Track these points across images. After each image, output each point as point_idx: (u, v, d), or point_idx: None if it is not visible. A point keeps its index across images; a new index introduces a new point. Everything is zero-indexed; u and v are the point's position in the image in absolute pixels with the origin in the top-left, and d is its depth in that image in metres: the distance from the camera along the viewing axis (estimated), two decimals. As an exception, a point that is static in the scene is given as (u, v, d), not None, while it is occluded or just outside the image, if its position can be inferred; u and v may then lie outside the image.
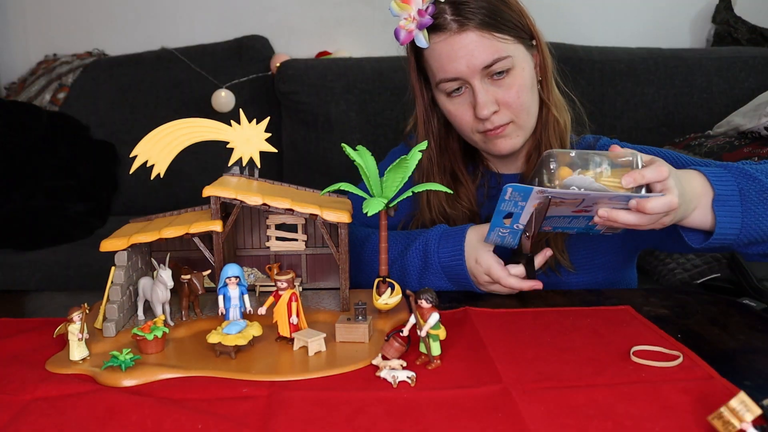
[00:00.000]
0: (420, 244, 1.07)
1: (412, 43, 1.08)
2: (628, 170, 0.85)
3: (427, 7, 1.03)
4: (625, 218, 0.85)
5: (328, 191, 0.92)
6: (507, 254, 1.02)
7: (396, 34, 1.07)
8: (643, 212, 0.84)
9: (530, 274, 1.00)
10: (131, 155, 0.87)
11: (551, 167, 0.86)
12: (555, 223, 0.92)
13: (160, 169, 0.88)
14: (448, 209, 1.17)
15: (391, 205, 0.85)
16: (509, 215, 0.92)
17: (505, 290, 1.01)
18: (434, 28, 1.05)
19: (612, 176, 0.85)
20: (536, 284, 1.00)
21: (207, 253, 0.92)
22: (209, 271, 0.90)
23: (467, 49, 1.04)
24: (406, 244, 1.10)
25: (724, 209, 0.90)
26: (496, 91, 1.07)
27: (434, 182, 1.01)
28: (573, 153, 0.86)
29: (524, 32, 1.09)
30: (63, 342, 0.82)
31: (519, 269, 1.00)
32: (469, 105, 1.09)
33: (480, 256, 1.01)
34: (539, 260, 1.03)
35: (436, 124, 1.18)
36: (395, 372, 0.71)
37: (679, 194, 0.85)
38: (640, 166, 0.85)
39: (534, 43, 1.11)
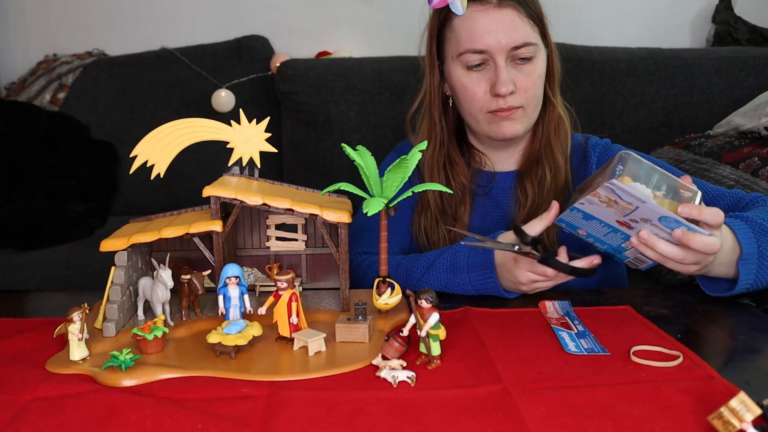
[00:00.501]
0: (447, 258, 1.04)
1: (439, 10, 1.09)
2: (683, 203, 0.83)
3: None
4: (663, 248, 0.84)
5: (328, 191, 0.92)
6: None
7: None
8: (685, 245, 0.82)
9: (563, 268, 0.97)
10: (131, 155, 0.87)
11: (618, 168, 0.84)
12: (591, 230, 0.90)
13: (160, 169, 0.88)
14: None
15: (391, 205, 0.85)
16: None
17: (550, 283, 0.98)
18: None
19: (668, 204, 0.83)
20: (595, 258, 0.94)
21: (207, 253, 0.92)
22: (209, 271, 0.90)
23: (504, 25, 1.06)
24: (431, 260, 1.06)
25: (745, 267, 0.90)
26: (516, 74, 1.09)
27: (433, 173, 1.02)
28: (645, 163, 0.84)
29: (543, 29, 1.12)
30: (63, 342, 0.82)
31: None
32: (486, 81, 1.10)
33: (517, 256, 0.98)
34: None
35: (439, 106, 1.19)
36: (395, 372, 0.71)
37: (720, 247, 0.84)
38: (698, 204, 0.84)
39: (546, 42, 1.15)
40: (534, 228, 0.95)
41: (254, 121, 0.89)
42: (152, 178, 0.88)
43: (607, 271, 1.18)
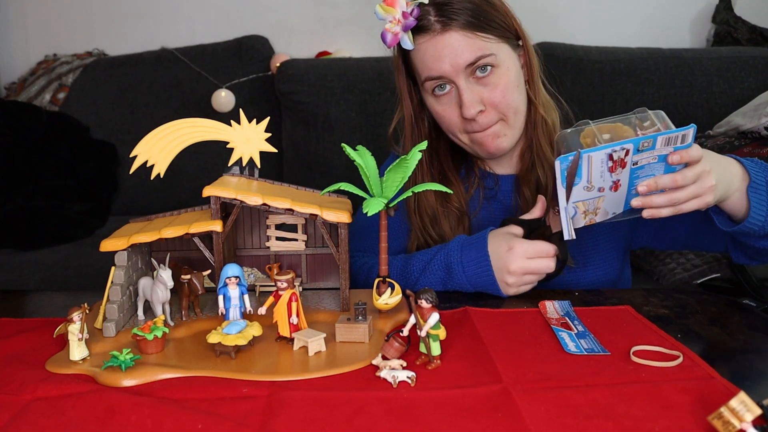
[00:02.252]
0: (441, 258, 1.05)
1: (399, 47, 1.10)
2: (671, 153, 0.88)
3: (412, 10, 1.05)
4: (665, 181, 0.87)
5: (328, 191, 0.92)
6: None
7: (383, 38, 1.08)
8: (689, 162, 0.86)
9: (564, 252, 0.99)
10: (131, 155, 0.87)
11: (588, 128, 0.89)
12: (609, 205, 0.92)
13: (160, 169, 0.88)
14: (440, 208, 1.17)
15: (391, 205, 0.85)
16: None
17: (538, 275, 1.00)
18: (419, 29, 1.07)
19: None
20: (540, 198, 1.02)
21: (207, 253, 0.92)
22: (209, 271, 0.90)
23: (451, 49, 1.06)
24: (426, 261, 1.07)
25: (756, 196, 0.94)
26: (482, 90, 1.08)
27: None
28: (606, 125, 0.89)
29: (509, 32, 1.10)
30: (63, 342, 0.82)
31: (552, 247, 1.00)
32: (455, 105, 1.10)
33: (512, 243, 0.99)
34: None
35: (426, 126, 1.19)
36: (395, 372, 0.71)
37: (717, 177, 0.89)
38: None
39: (520, 43, 1.13)
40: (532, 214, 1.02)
41: (254, 121, 0.89)
42: (152, 178, 0.88)
43: (614, 271, 1.18)
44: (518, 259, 0.98)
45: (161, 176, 0.88)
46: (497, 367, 0.75)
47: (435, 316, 0.75)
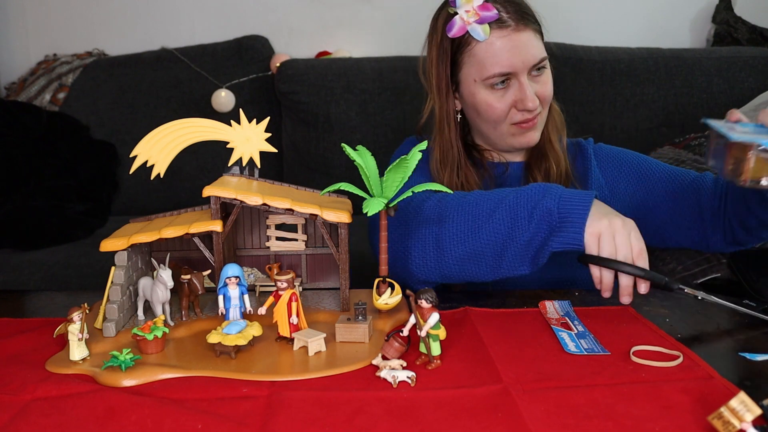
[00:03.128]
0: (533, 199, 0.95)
1: (453, 39, 1.14)
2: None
3: (488, 3, 1.10)
4: None
5: (328, 191, 0.92)
6: None
7: (449, 27, 1.13)
8: None
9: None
10: (131, 155, 0.87)
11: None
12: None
13: (160, 169, 0.88)
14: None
15: (391, 205, 0.85)
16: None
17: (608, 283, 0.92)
18: (494, 23, 1.11)
19: None
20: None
21: (207, 253, 0.92)
22: (209, 271, 0.90)
23: (525, 46, 1.12)
24: (496, 202, 0.97)
25: None
26: (535, 86, 1.15)
27: (445, 172, 1.09)
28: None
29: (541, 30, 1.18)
30: (63, 342, 0.82)
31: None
32: (510, 97, 1.15)
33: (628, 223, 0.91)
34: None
35: (455, 127, 1.20)
36: (395, 372, 0.71)
37: None
38: None
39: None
40: None
41: (254, 121, 0.89)
42: (152, 178, 0.88)
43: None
44: (631, 230, 0.90)
45: (161, 176, 0.88)
46: (497, 367, 0.75)
47: (435, 316, 0.75)
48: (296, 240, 0.99)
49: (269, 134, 0.90)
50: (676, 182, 1.16)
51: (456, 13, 1.12)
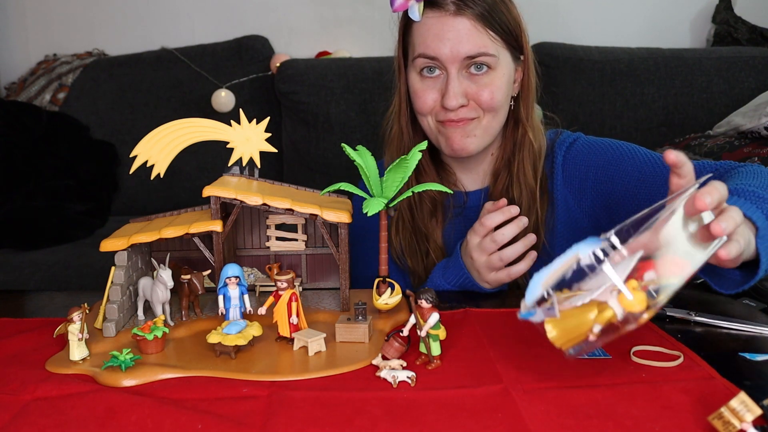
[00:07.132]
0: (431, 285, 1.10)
1: (404, 15, 1.08)
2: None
3: None
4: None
5: (328, 191, 0.92)
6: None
7: (391, 1, 1.07)
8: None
9: None
10: (131, 155, 0.87)
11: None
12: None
13: (160, 169, 0.88)
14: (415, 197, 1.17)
15: (391, 205, 0.85)
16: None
17: (502, 263, 1.01)
18: (431, 3, 1.05)
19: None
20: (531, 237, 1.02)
21: (207, 253, 0.92)
22: (209, 271, 0.89)
23: (456, 33, 1.04)
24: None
25: (764, 244, 0.75)
26: (470, 85, 1.07)
27: None
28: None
29: (515, 41, 1.09)
30: (63, 342, 0.82)
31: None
32: (438, 90, 1.08)
33: (466, 242, 1.05)
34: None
35: (406, 110, 1.16)
36: (395, 372, 0.71)
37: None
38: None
39: (521, 58, 1.11)
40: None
41: (254, 121, 0.89)
42: (152, 178, 0.88)
43: None
44: (474, 251, 1.02)
45: (161, 176, 0.88)
46: (497, 367, 0.75)
47: (435, 316, 0.75)
48: (296, 240, 0.99)
49: (269, 134, 0.90)
50: (650, 179, 1.03)
51: None
